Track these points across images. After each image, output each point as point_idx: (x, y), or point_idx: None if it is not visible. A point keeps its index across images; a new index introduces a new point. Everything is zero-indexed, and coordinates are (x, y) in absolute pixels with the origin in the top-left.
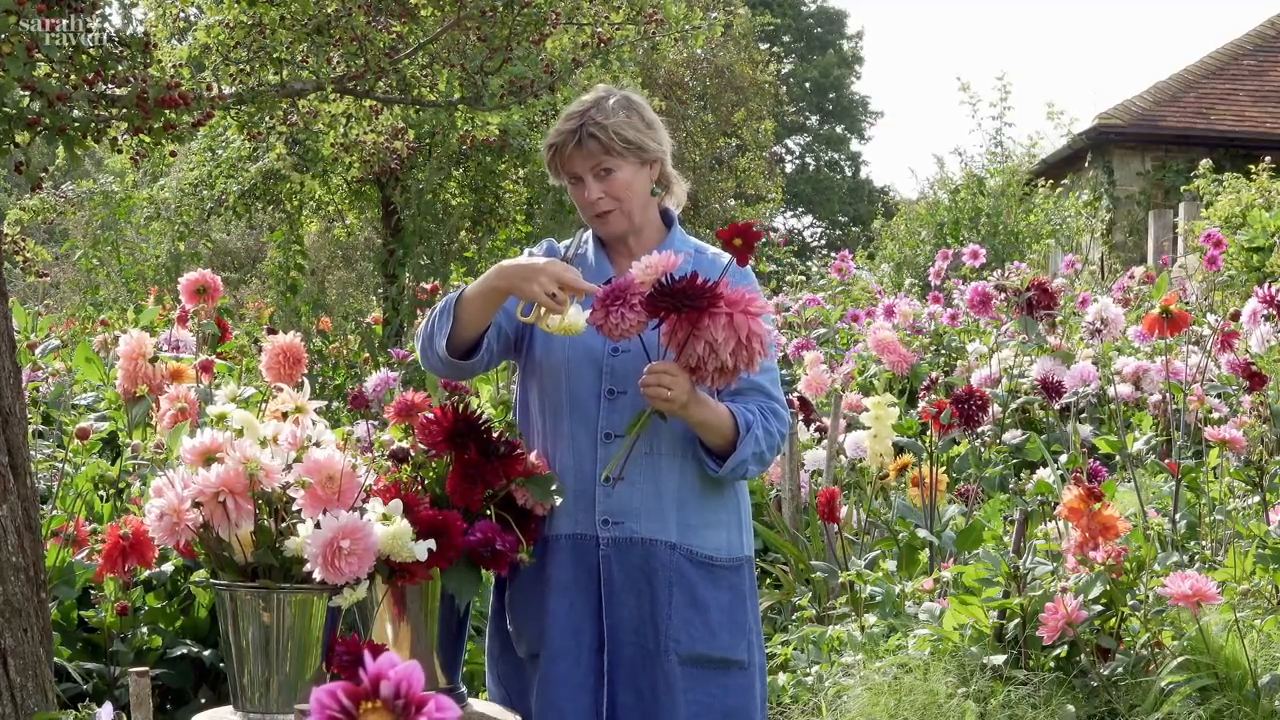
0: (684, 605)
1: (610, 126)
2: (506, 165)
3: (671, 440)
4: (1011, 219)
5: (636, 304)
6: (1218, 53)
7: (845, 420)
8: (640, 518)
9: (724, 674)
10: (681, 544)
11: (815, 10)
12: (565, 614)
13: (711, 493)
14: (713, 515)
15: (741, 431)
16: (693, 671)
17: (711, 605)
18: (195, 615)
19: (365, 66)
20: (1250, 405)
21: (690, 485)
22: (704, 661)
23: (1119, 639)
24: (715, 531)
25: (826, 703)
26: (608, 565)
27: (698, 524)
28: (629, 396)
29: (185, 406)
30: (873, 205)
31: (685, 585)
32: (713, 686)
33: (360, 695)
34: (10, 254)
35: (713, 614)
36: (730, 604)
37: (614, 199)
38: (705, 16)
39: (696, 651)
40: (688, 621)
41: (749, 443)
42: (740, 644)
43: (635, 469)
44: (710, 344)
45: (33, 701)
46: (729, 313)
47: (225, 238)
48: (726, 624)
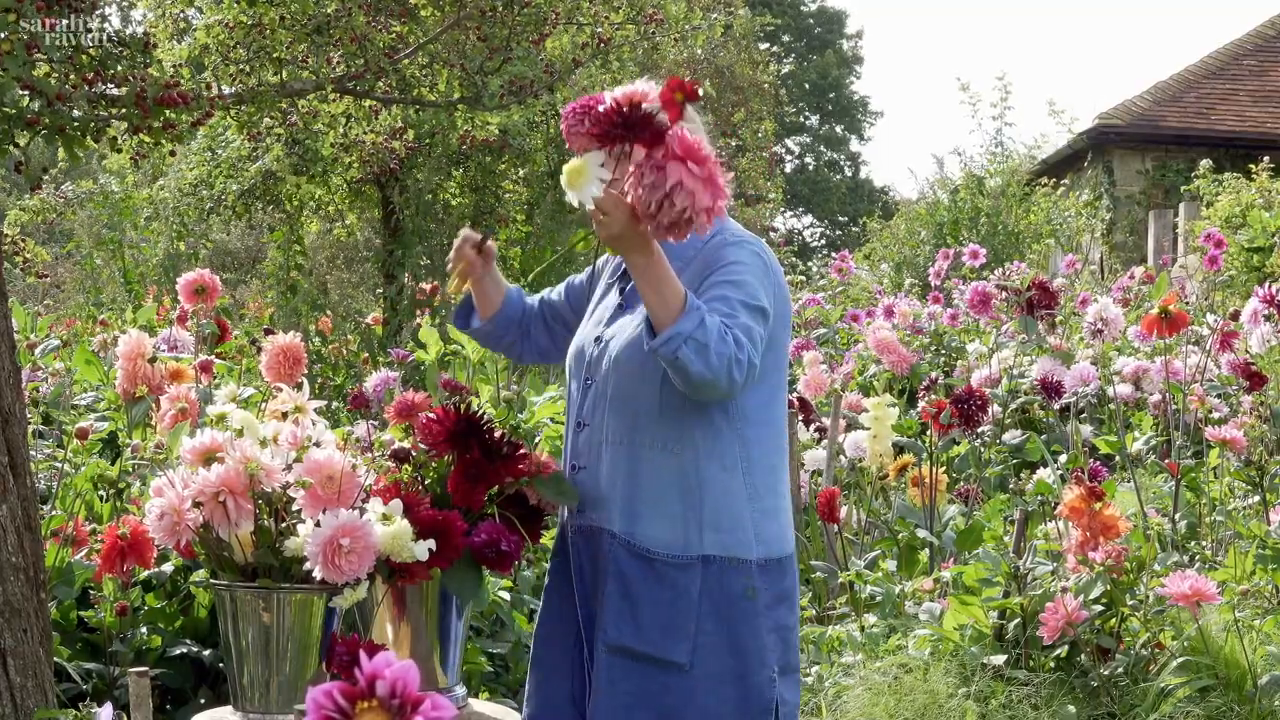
0: (616, 596)
1: None
2: (506, 165)
3: (616, 428)
4: (1011, 219)
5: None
6: (1218, 53)
7: (845, 420)
8: (595, 506)
9: (659, 671)
10: (621, 534)
11: (815, 10)
12: (555, 600)
13: (658, 484)
14: (663, 508)
15: (689, 306)
16: (621, 663)
17: (643, 601)
18: (195, 615)
19: (365, 66)
20: (1250, 405)
21: (634, 474)
22: (629, 655)
23: (1119, 639)
24: (661, 524)
25: (826, 703)
26: (576, 554)
27: (642, 514)
28: (596, 385)
29: (185, 406)
30: (873, 205)
31: (619, 576)
32: (645, 681)
33: (356, 695)
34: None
35: (643, 610)
36: (670, 603)
37: None
38: (705, 16)
39: (622, 644)
40: (618, 612)
41: (691, 318)
42: (678, 646)
43: (592, 456)
44: (644, 185)
45: (32, 701)
46: (665, 159)
47: (225, 238)
48: (659, 622)
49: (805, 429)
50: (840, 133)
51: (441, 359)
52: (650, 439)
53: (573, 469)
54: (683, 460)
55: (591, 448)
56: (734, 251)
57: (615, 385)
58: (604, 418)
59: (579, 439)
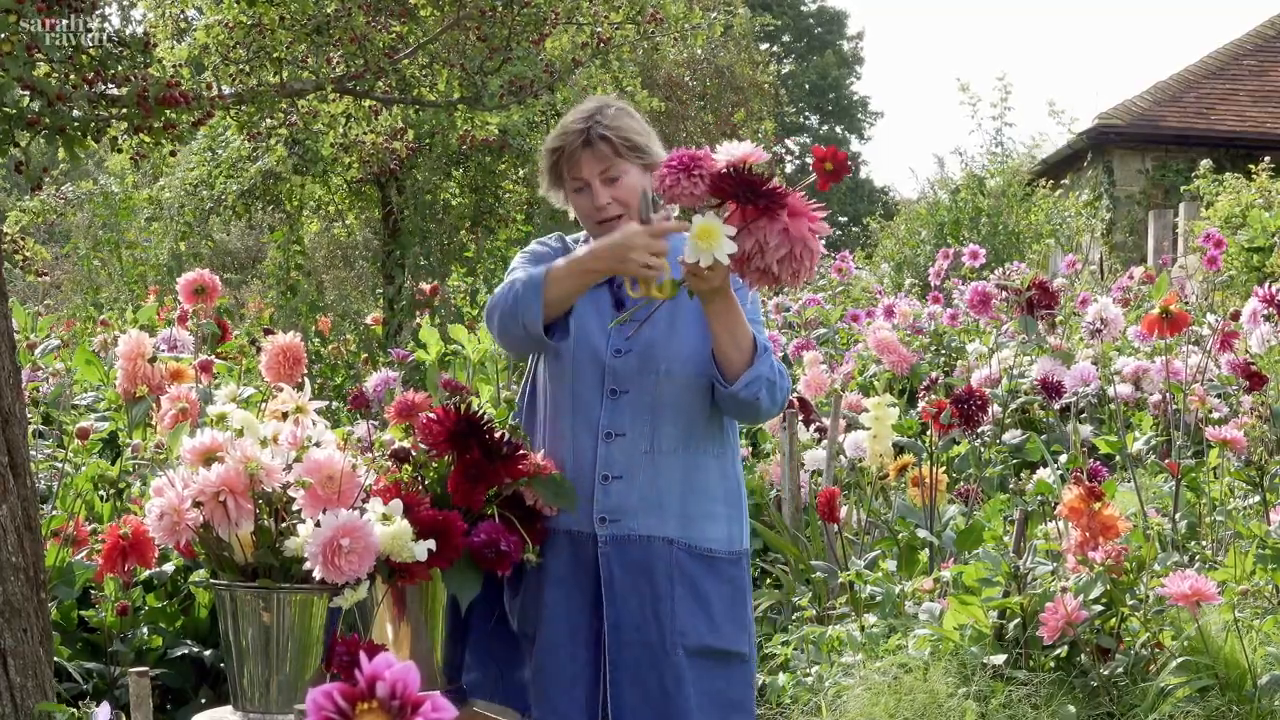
0: (687, 599)
1: (618, 130)
2: (506, 165)
3: (670, 437)
4: (1012, 219)
5: (701, 177)
6: (1218, 53)
7: (845, 420)
8: (638, 515)
9: (727, 666)
10: (681, 539)
11: (815, 10)
12: (563, 608)
13: (710, 486)
14: (711, 508)
15: (760, 349)
16: (699, 663)
17: (714, 598)
18: (195, 615)
19: (365, 66)
20: (1250, 405)
21: (689, 480)
22: (709, 654)
23: (1119, 639)
24: (715, 524)
25: (826, 703)
26: (607, 563)
27: (698, 517)
28: (630, 395)
29: (185, 406)
30: (873, 205)
31: (687, 579)
32: (718, 679)
33: (356, 696)
34: (10, 254)
35: (715, 606)
36: (731, 596)
37: (622, 204)
38: (705, 16)
39: (703, 644)
40: (692, 614)
41: (765, 360)
42: (741, 636)
43: (633, 466)
44: (760, 243)
45: (33, 701)
46: (788, 221)
47: (225, 238)
48: (728, 616)
49: (805, 429)
50: (840, 133)
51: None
52: (704, 446)
53: (604, 479)
54: (724, 463)
55: (634, 458)
56: None
57: (669, 397)
58: (649, 428)
59: (611, 450)
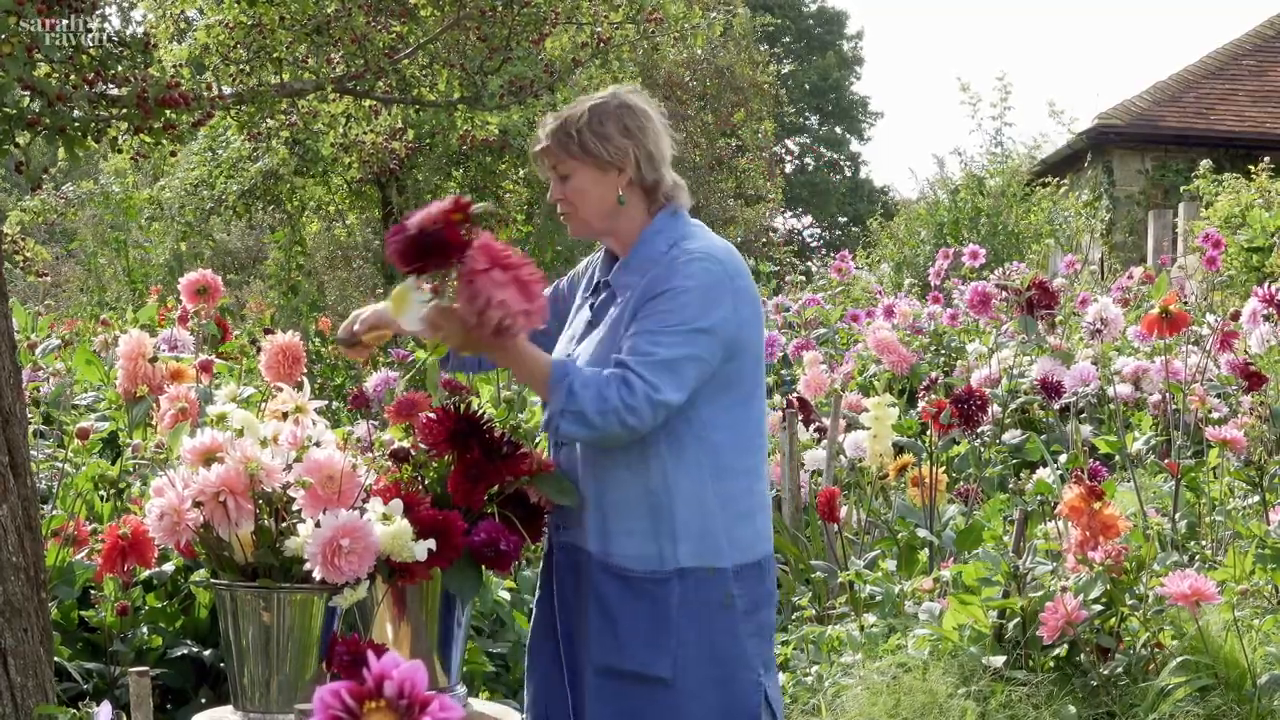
0: (596, 615)
1: (574, 131)
2: (506, 165)
3: (588, 449)
4: (1011, 219)
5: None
6: (1217, 53)
7: (845, 420)
8: (574, 525)
9: (641, 689)
10: (597, 552)
11: (815, 11)
12: (544, 610)
13: (627, 502)
14: (632, 523)
15: (553, 382)
16: (607, 684)
17: (620, 616)
18: (195, 615)
19: (365, 66)
20: (1250, 405)
21: (602, 494)
22: (615, 675)
23: (1119, 639)
24: (632, 540)
25: (826, 703)
26: (559, 570)
27: (615, 531)
28: None
29: (185, 406)
30: (872, 205)
31: (597, 595)
32: (628, 701)
33: (364, 695)
34: (10, 254)
35: (621, 625)
36: (649, 615)
37: (569, 203)
38: (705, 16)
39: (606, 664)
40: (599, 631)
41: (557, 393)
42: (660, 660)
43: (576, 475)
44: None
45: (33, 701)
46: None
47: (226, 238)
48: (640, 636)
49: (805, 429)
50: (840, 133)
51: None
52: (613, 458)
53: None
54: (649, 476)
55: (570, 465)
56: (681, 272)
57: None
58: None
59: (560, 456)
